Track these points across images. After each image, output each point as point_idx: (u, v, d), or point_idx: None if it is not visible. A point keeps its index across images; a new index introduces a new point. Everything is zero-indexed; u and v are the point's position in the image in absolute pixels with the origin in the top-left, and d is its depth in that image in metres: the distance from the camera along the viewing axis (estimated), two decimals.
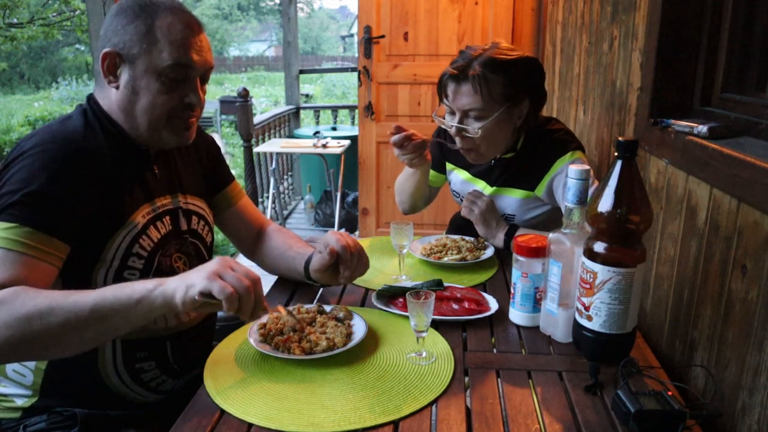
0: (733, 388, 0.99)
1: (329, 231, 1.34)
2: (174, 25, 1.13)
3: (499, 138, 1.61)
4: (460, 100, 1.56)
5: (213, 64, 1.22)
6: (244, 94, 4.14)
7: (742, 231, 0.98)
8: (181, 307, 0.96)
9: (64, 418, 1.15)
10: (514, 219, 1.69)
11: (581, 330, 1.10)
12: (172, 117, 1.17)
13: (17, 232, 1.00)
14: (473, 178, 1.79)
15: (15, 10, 13.19)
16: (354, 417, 0.95)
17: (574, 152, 1.58)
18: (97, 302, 0.95)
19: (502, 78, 1.53)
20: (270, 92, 17.21)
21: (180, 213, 1.28)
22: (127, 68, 1.13)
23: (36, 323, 0.92)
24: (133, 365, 1.19)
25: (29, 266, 1.00)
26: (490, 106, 1.54)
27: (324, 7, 45.47)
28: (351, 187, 4.83)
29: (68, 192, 1.06)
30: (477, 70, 1.52)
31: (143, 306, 0.96)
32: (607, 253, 1.04)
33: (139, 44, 1.12)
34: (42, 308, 0.93)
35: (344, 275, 1.27)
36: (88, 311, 0.95)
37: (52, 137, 1.11)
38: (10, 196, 1.02)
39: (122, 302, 0.96)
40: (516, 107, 1.58)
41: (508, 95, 1.54)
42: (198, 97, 1.18)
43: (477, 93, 1.53)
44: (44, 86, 19.02)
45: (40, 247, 1.02)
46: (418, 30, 3.57)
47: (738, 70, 1.24)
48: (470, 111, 1.56)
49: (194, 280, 0.96)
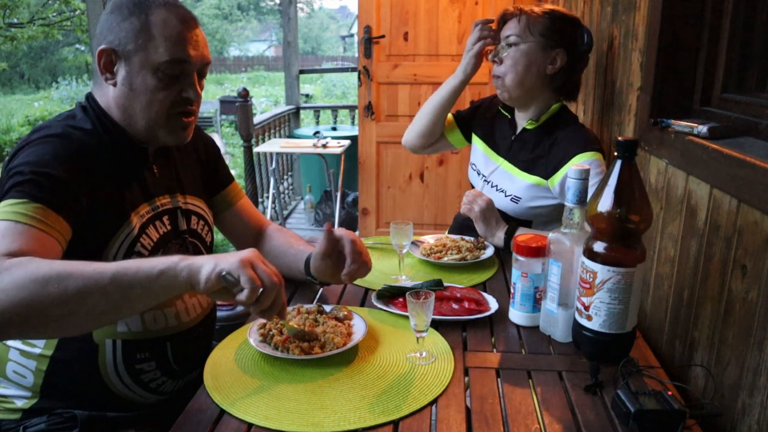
0: (733, 388, 0.99)
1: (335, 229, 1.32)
2: (169, 21, 1.13)
3: (525, 73, 1.67)
4: (504, 31, 1.72)
5: (210, 59, 1.21)
6: (244, 94, 4.14)
7: (742, 231, 0.98)
8: (204, 285, 0.92)
9: (65, 419, 1.15)
10: (519, 203, 1.69)
11: (581, 330, 1.10)
12: (170, 114, 1.17)
13: (27, 207, 0.99)
14: (488, 149, 1.85)
15: (15, 10, 13.18)
16: (354, 417, 0.95)
17: (596, 153, 1.59)
18: (119, 270, 0.91)
19: (549, 21, 1.67)
20: (270, 92, 17.20)
21: (179, 213, 1.28)
22: (123, 65, 1.14)
23: (52, 286, 0.86)
24: (134, 366, 1.18)
25: (39, 240, 0.98)
26: (525, 35, 1.66)
27: (324, 7, 45.52)
28: (351, 187, 4.83)
29: (75, 179, 1.07)
30: (529, 10, 1.69)
31: (166, 278, 0.92)
32: (607, 253, 1.04)
33: (135, 41, 1.12)
34: (60, 271, 0.88)
35: (347, 269, 1.21)
36: (108, 279, 0.90)
37: (60, 130, 1.12)
38: (20, 176, 1.02)
39: (144, 272, 0.91)
40: (550, 50, 1.66)
41: (545, 35, 1.66)
42: (195, 92, 1.18)
43: (521, 23, 1.67)
44: (44, 86, 19.02)
45: (49, 222, 1.01)
46: (418, 30, 3.57)
47: (738, 70, 1.24)
48: (509, 36, 1.68)
49: (225, 260, 0.93)
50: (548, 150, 1.67)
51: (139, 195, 1.20)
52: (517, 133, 1.77)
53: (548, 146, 1.67)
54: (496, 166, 1.79)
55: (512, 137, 1.78)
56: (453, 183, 3.74)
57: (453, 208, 2.34)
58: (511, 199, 1.70)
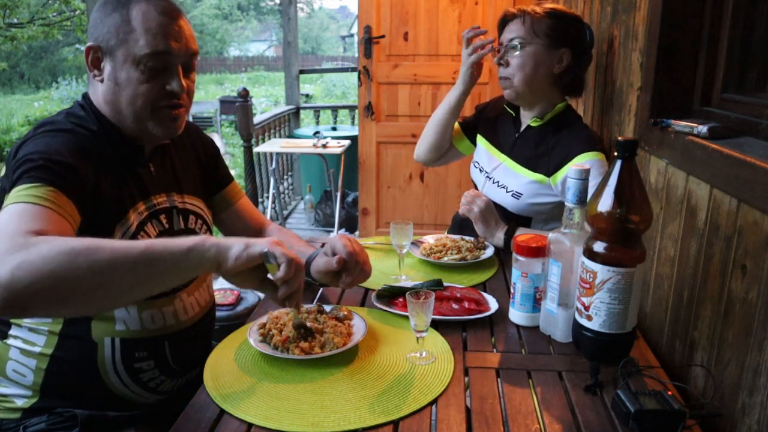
0: (733, 388, 0.99)
1: (338, 234, 1.33)
2: (149, 13, 1.13)
3: (532, 75, 1.68)
4: (508, 34, 1.71)
5: (196, 50, 1.20)
6: (244, 94, 4.13)
7: (742, 231, 0.98)
8: (232, 263, 0.96)
9: (65, 418, 1.15)
10: (520, 199, 1.69)
11: (581, 330, 1.10)
12: (156, 107, 1.16)
13: (41, 190, 1.00)
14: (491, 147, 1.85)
15: (15, 10, 13.18)
16: (354, 417, 0.95)
17: (598, 153, 1.60)
18: (148, 246, 0.93)
19: (552, 21, 1.67)
20: (270, 92, 17.21)
21: (175, 212, 1.28)
22: (108, 61, 1.14)
23: (82, 259, 0.86)
24: (132, 365, 1.19)
25: (56, 221, 0.98)
26: (531, 38, 1.67)
27: (324, 7, 45.51)
28: (351, 187, 4.83)
29: (81, 168, 1.08)
30: (532, 11, 1.69)
31: (194, 254, 0.94)
32: (607, 253, 1.04)
33: (116, 35, 1.12)
34: (89, 245, 0.88)
35: (345, 281, 1.24)
36: (137, 253, 0.91)
37: (66, 125, 1.13)
38: (31, 163, 1.02)
39: (173, 249, 0.93)
40: (556, 50, 1.67)
41: (550, 35, 1.67)
42: (180, 85, 1.17)
43: (522, 24, 1.67)
44: (44, 86, 19.04)
45: (62, 206, 1.01)
46: (418, 30, 3.57)
47: (738, 70, 1.24)
48: (514, 39, 1.68)
49: (255, 241, 0.98)
50: (551, 148, 1.67)
51: (136, 193, 1.20)
52: (521, 130, 1.78)
53: (552, 144, 1.68)
54: (499, 163, 1.79)
55: (516, 135, 1.78)
56: (453, 183, 3.74)
57: (453, 208, 2.34)
58: (512, 195, 1.71)
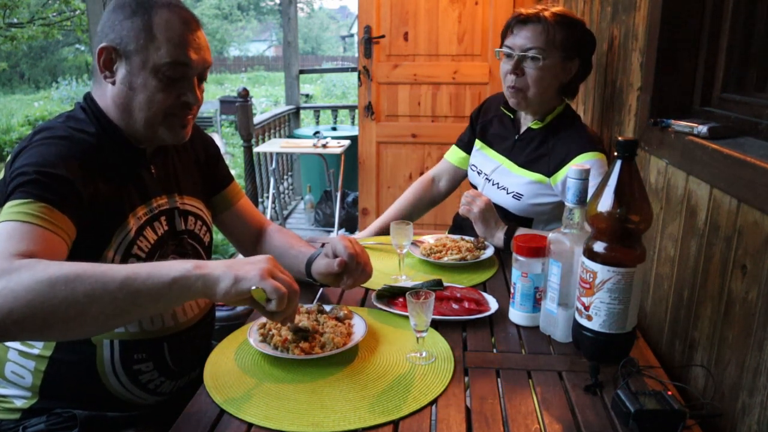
0: (733, 388, 0.99)
1: (339, 235, 1.33)
2: (172, 22, 1.12)
3: (547, 88, 1.67)
4: (524, 39, 1.64)
5: (211, 62, 1.21)
6: (244, 94, 4.14)
7: (742, 231, 0.98)
8: (220, 298, 0.92)
9: (64, 419, 1.14)
10: (521, 200, 1.69)
11: (581, 330, 1.10)
12: (168, 115, 1.17)
13: (32, 206, 0.99)
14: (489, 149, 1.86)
15: (15, 10, 13.19)
16: (354, 417, 0.95)
17: (598, 153, 1.60)
18: (129, 276, 0.89)
19: (567, 30, 1.64)
20: (270, 92, 17.20)
21: (176, 213, 1.27)
22: (123, 64, 1.13)
23: (60, 288, 0.84)
24: (131, 366, 1.18)
25: (46, 239, 0.97)
26: (550, 50, 1.63)
27: (324, 7, 45.47)
28: (351, 187, 4.82)
29: (78, 179, 1.07)
30: (548, 16, 1.63)
31: (178, 287, 0.90)
32: (607, 253, 1.04)
33: (136, 40, 1.11)
34: (68, 273, 0.86)
35: (346, 282, 1.25)
36: (118, 284, 0.87)
37: (63, 132, 1.12)
38: (24, 177, 1.02)
39: (156, 279, 0.89)
40: (568, 62, 1.67)
41: (566, 47, 1.64)
42: (195, 96, 1.17)
43: (543, 33, 1.62)
44: (44, 86, 19.02)
45: (55, 221, 1.00)
46: (418, 30, 3.57)
47: (738, 70, 1.24)
48: (531, 49, 1.63)
49: (245, 273, 0.92)
50: (552, 148, 1.67)
51: (136, 197, 1.19)
52: (521, 132, 1.78)
53: (552, 144, 1.68)
54: (498, 165, 1.79)
55: (515, 136, 1.78)
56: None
57: (453, 207, 2.34)
58: (513, 196, 1.71)
